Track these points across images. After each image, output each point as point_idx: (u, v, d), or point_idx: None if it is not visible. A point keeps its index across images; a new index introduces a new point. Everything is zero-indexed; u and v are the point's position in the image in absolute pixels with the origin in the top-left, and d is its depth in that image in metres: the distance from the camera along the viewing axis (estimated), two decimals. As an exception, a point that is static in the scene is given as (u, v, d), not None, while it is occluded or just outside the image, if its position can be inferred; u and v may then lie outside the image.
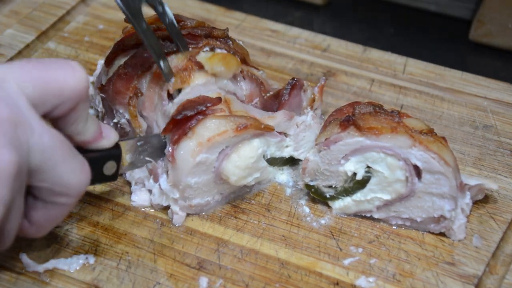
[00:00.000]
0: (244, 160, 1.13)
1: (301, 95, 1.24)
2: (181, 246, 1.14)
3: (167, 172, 1.13)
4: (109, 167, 1.05)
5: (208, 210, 1.18)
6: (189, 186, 1.12)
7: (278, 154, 1.21)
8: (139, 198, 1.19)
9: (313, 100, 1.24)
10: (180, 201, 1.14)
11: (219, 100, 1.12)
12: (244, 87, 1.22)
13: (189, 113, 1.09)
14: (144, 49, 1.19)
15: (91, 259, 1.10)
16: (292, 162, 1.25)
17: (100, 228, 1.15)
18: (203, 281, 1.08)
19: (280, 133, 1.19)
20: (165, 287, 1.07)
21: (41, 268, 1.08)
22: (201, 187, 1.13)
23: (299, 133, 1.21)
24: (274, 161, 1.22)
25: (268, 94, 1.25)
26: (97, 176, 1.02)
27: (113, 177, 1.07)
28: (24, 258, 1.09)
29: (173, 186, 1.12)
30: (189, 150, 1.09)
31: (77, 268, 1.09)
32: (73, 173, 0.91)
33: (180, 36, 1.19)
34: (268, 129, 1.15)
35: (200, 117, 1.10)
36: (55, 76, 0.89)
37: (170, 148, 1.10)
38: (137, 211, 1.19)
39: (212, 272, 1.10)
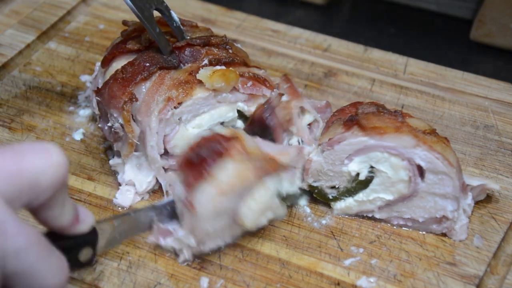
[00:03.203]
0: (260, 203, 1.08)
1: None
2: (182, 246, 1.13)
3: (176, 217, 1.09)
4: (85, 254, 0.94)
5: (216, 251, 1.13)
6: (207, 232, 1.06)
7: (292, 190, 1.17)
8: (122, 199, 1.19)
9: (289, 121, 1.20)
10: (195, 247, 1.08)
11: (233, 138, 1.07)
12: (243, 92, 1.21)
13: (205, 153, 1.04)
14: (145, 57, 1.19)
15: (92, 259, 1.10)
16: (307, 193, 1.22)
17: (101, 228, 1.15)
18: (204, 281, 1.08)
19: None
20: (166, 287, 1.07)
21: (41, 268, 1.08)
22: (216, 231, 1.08)
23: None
24: (290, 198, 1.18)
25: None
26: (72, 265, 0.90)
27: (89, 263, 0.96)
28: (25, 258, 1.08)
29: (189, 233, 1.06)
30: (210, 196, 1.03)
31: (78, 268, 1.09)
32: (50, 273, 0.82)
33: (185, 38, 1.25)
34: (285, 169, 1.11)
35: (217, 158, 1.04)
36: (30, 167, 0.80)
37: (185, 193, 1.03)
38: (138, 211, 1.19)
39: (213, 272, 1.10)
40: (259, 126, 1.20)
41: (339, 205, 1.18)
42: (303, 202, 1.21)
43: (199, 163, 1.03)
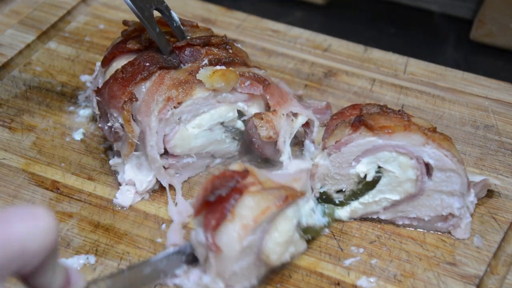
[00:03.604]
0: (284, 234, 1.03)
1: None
2: (182, 246, 1.13)
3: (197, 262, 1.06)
4: None
5: None
6: (235, 272, 1.02)
7: (312, 221, 1.13)
8: (122, 199, 1.19)
9: (271, 137, 1.18)
10: None
11: (247, 172, 1.03)
12: (241, 91, 1.21)
13: (223, 192, 1.00)
14: (145, 57, 1.19)
15: (92, 259, 1.10)
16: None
17: (101, 228, 1.15)
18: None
19: None
20: (166, 287, 1.07)
21: (42, 268, 1.07)
22: (243, 271, 1.03)
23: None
24: (310, 230, 1.13)
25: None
26: None
27: None
28: (25, 258, 1.08)
29: (217, 276, 1.02)
30: (234, 234, 0.98)
31: (78, 268, 1.09)
32: None
33: (185, 38, 1.25)
34: (302, 195, 1.08)
35: (236, 195, 1.00)
36: (18, 234, 0.75)
37: (208, 236, 0.99)
38: (138, 211, 1.19)
39: (213, 272, 1.09)
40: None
41: (344, 211, 1.17)
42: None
43: (219, 203, 0.99)
